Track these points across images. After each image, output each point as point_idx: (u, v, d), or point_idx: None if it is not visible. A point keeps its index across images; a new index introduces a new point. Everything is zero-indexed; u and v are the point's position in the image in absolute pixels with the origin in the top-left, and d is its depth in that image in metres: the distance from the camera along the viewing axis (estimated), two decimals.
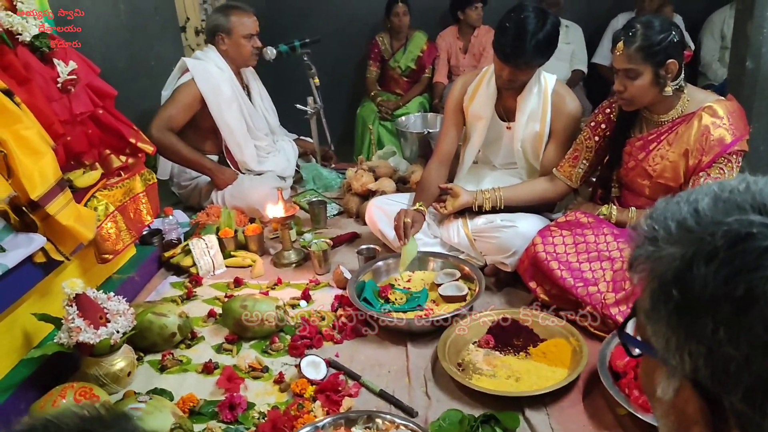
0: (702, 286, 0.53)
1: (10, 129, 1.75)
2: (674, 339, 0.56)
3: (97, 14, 2.97)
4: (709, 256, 0.53)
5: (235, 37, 2.83)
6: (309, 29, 3.76)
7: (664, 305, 0.56)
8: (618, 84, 1.92)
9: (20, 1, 1.97)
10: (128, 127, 2.25)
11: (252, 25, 2.85)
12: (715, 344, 0.52)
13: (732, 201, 0.56)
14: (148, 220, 2.35)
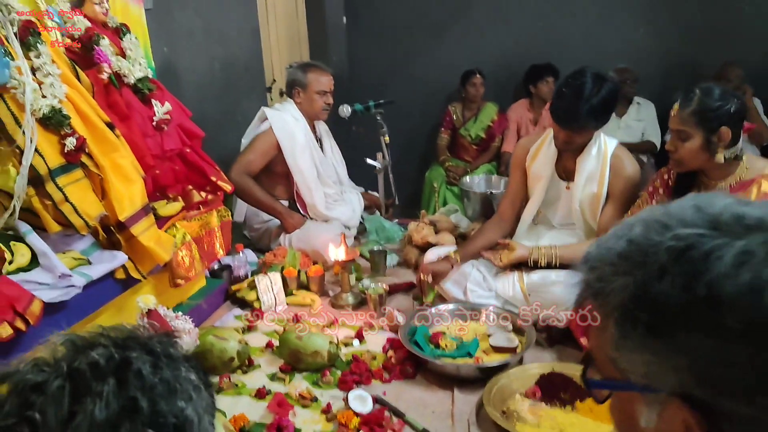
0: (665, 301, 0.57)
1: (108, 157, 1.96)
2: (655, 359, 0.59)
3: (194, 68, 3.27)
4: (660, 273, 0.58)
5: (309, 92, 3.06)
6: (387, 93, 3.97)
7: (633, 330, 0.60)
8: (670, 143, 1.98)
9: (129, 49, 2.24)
10: (211, 166, 2.46)
11: (327, 83, 3.07)
12: (696, 351, 0.56)
13: (659, 223, 0.61)
14: (220, 253, 2.51)
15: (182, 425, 0.61)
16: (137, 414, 0.59)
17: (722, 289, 0.55)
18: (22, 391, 0.58)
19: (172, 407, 0.61)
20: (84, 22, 2.12)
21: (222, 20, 3.58)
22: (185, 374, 0.66)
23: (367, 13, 5.40)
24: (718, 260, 0.56)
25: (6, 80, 1.75)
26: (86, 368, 0.60)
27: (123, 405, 0.58)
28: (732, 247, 0.56)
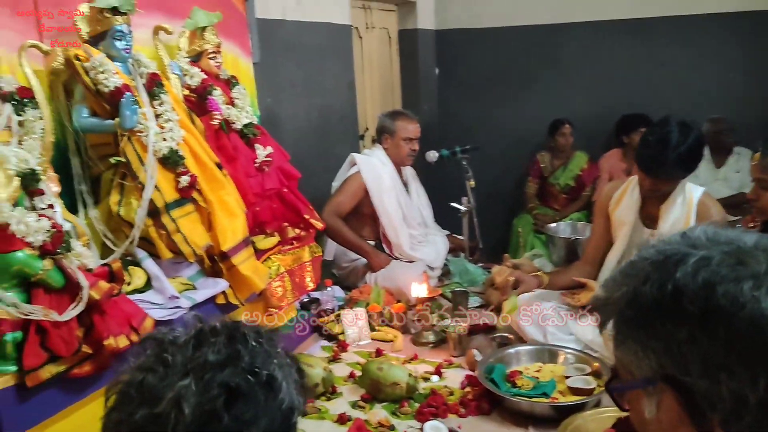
0: (645, 300, 0.73)
1: (216, 193, 2.19)
2: (639, 347, 0.73)
3: (294, 116, 3.55)
4: (644, 280, 0.74)
5: (396, 139, 3.25)
6: (475, 140, 4.10)
7: (625, 326, 0.75)
8: (752, 192, 1.98)
9: (237, 98, 2.50)
10: (305, 205, 2.66)
11: (413, 130, 3.25)
12: (667, 335, 0.71)
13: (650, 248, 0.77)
14: (310, 286, 2.68)
15: (271, 381, 0.78)
16: (239, 361, 0.77)
17: (685, 286, 0.70)
18: (161, 342, 0.80)
19: (266, 366, 0.79)
20: (200, 74, 2.39)
21: (321, 73, 3.85)
22: (281, 353, 0.83)
23: (458, 65, 5.60)
24: (683, 264, 0.71)
25: (134, 125, 2.01)
26: (207, 330, 0.81)
27: (229, 354, 0.78)
28: (695, 255, 0.71)
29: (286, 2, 3.52)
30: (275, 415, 0.78)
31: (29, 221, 1.57)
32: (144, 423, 0.73)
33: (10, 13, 1.95)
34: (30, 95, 1.83)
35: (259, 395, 0.77)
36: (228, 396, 0.74)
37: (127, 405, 0.75)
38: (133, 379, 0.77)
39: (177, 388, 0.73)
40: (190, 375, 0.75)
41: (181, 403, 0.73)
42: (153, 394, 0.74)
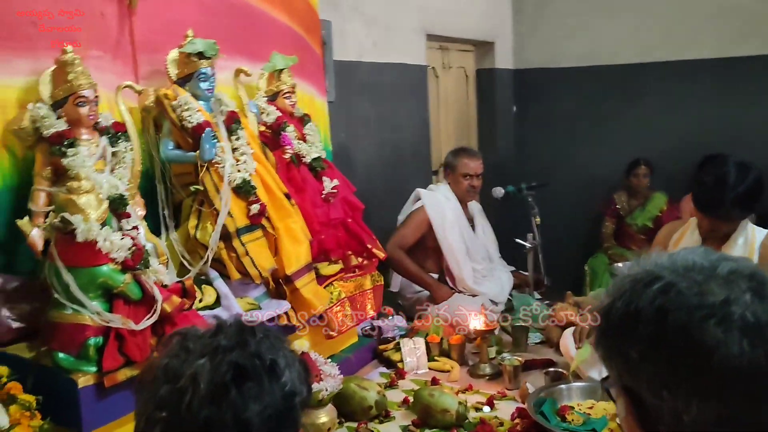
0: (614, 315, 0.80)
1: (283, 221, 2.37)
2: (605, 355, 0.82)
3: (366, 151, 3.73)
4: (620, 294, 0.81)
5: (457, 175, 3.37)
6: (552, 178, 4.14)
7: (599, 334, 0.83)
8: None
9: (309, 134, 2.70)
10: (368, 236, 2.80)
11: (473, 167, 3.35)
12: (624, 351, 0.78)
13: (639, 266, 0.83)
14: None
15: (274, 366, 0.93)
16: (246, 347, 0.93)
17: (643, 309, 0.77)
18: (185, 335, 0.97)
19: (269, 353, 0.93)
20: (275, 112, 2.60)
21: (395, 111, 4.03)
22: (287, 348, 0.98)
23: (536, 103, 5.65)
24: (649, 287, 0.78)
25: (213, 157, 2.23)
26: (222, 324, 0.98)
27: (238, 341, 0.93)
28: (662, 281, 0.78)
29: (363, 45, 3.73)
30: (276, 395, 0.91)
31: (114, 239, 1.79)
32: (167, 396, 0.89)
33: (111, 58, 2.23)
34: (123, 129, 2.08)
35: (262, 376, 0.91)
36: (235, 373, 0.89)
37: (154, 384, 0.91)
38: (159, 364, 0.93)
39: (195, 367, 0.89)
40: (205, 356, 0.90)
41: (197, 379, 0.88)
42: (175, 373, 0.90)
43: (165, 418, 0.89)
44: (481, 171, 3.42)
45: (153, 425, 0.90)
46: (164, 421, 0.89)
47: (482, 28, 5.16)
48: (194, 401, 0.87)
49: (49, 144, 1.90)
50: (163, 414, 0.89)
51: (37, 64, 1.99)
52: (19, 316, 1.90)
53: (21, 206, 1.93)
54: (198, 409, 0.87)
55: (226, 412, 0.87)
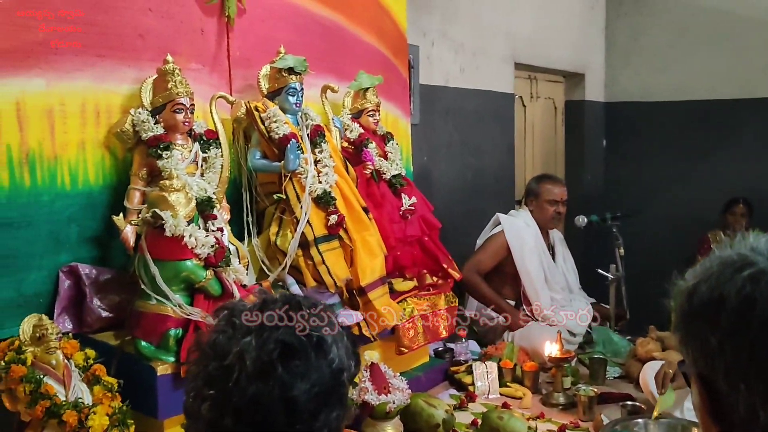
0: (697, 299, 0.75)
1: (360, 234, 2.41)
2: (682, 339, 0.78)
3: (448, 174, 3.75)
4: (707, 278, 0.76)
5: (541, 201, 3.31)
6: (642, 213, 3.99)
7: (679, 316, 0.78)
8: None
9: (390, 152, 2.75)
10: (444, 255, 2.80)
11: (558, 193, 3.30)
12: (703, 337, 0.74)
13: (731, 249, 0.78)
14: (443, 333, 2.79)
15: (321, 343, 0.93)
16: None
17: (729, 296, 0.72)
18: (232, 309, 0.98)
19: (317, 330, 0.94)
20: (359, 129, 2.67)
21: (479, 136, 4.04)
22: (334, 323, 0.98)
23: (628, 137, 5.52)
24: (739, 273, 0.72)
25: (296, 168, 2.31)
26: (269, 299, 0.99)
27: (284, 317, 0.94)
28: (754, 267, 0.72)
29: (450, 71, 3.78)
30: (324, 371, 0.92)
31: (199, 236, 1.88)
32: (215, 373, 0.91)
33: (208, 71, 2.37)
34: (215, 137, 2.19)
35: (310, 353, 0.91)
36: (282, 350, 0.90)
37: (202, 360, 0.93)
38: (208, 339, 0.95)
39: (241, 344, 0.90)
40: (252, 333, 0.91)
41: (244, 356, 0.89)
42: (222, 350, 0.91)
43: (213, 395, 0.90)
44: (565, 198, 3.37)
45: (201, 401, 0.91)
46: (212, 398, 0.90)
47: (573, 59, 5.12)
48: (241, 378, 0.88)
49: (147, 146, 2.03)
50: (211, 391, 0.90)
51: (141, 73, 2.14)
52: (109, 306, 2.02)
53: (117, 204, 2.07)
54: (245, 386, 0.88)
55: (273, 390, 0.88)
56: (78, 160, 2.03)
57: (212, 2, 2.35)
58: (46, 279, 1.96)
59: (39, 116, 1.93)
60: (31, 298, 1.92)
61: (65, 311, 1.97)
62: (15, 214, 1.88)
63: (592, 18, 5.37)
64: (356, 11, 2.93)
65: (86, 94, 2.04)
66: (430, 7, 3.59)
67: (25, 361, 1.59)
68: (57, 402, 1.57)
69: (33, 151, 1.92)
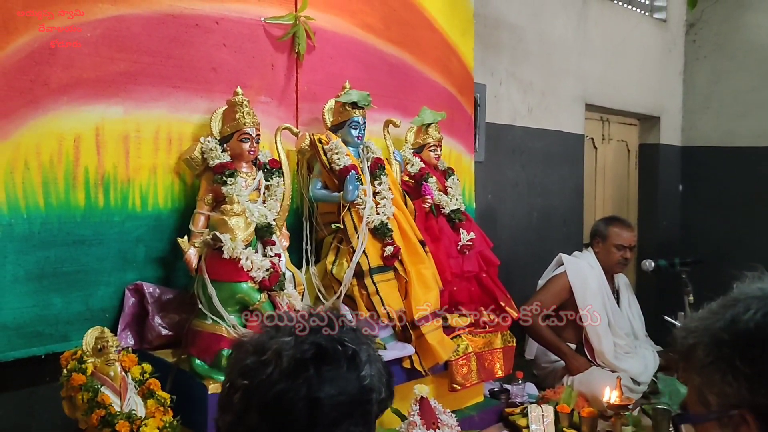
0: (744, 325, 0.73)
1: (415, 266, 2.42)
2: (730, 371, 0.73)
3: (513, 214, 3.72)
4: (746, 309, 0.74)
5: (608, 244, 3.23)
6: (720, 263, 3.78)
7: (717, 348, 0.75)
8: None
9: (450, 187, 2.77)
10: (502, 293, 2.76)
11: (627, 238, 3.21)
12: (763, 362, 0.70)
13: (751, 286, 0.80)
14: (499, 373, 2.74)
15: (354, 356, 0.96)
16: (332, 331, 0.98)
17: None
18: (279, 317, 1.04)
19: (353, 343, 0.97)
20: (419, 163, 2.71)
21: (547, 177, 4.00)
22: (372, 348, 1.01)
23: (706, 183, 5.33)
24: None
25: (354, 198, 2.36)
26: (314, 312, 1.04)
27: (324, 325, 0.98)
28: None
29: (518, 110, 3.79)
30: (353, 384, 0.94)
31: (255, 259, 1.94)
32: (251, 366, 0.96)
33: (276, 104, 2.48)
34: (278, 166, 2.27)
35: (342, 361, 0.95)
36: (316, 352, 0.94)
37: (242, 355, 0.99)
38: (251, 338, 1.01)
39: (280, 342, 0.95)
40: (292, 335, 0.97)
41: (281, 353, 0.94)
42: (263, 347, 0.97)
43: (246, 385, 0.95)
44: (634, 243, 3.28)
45: (235, 391, 0.97)
46: (245, 388, 0.95)
47: (648, 102, 5.02)
48: (274, 374, 0.93)
49: (213, 173, 2.13)
50: (245, 382, 0.95)
51: (213, 104, 2.26)
52: (169, 324, 2.10)
53: (183, 227, 2.17)
54: (276, 382, 0.93)
55: (300, 389, 0.92)
56: (149, 183, 2.15)
57: (284, 39, 2.46)
58: (113, 295, 2.07)
59: (115, 141, 2.07)
60: (97, 313, 2.03)
61: (128, 327, 2.06)
62: (88, 233, 2.01)
63: (669, 61, 5.26)
64: (423, 49, 2.99)
65: (160, 122, 2.17)
66: (499, 47, 3.62)
67: (85, 371, 1.68)
68: (112, 412, 1.64)
69: (108, 173, 2.05)
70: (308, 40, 2.52)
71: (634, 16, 4.84)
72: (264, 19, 2.42)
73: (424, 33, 3.02)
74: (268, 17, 2.42)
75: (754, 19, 5.08)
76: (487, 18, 3.48)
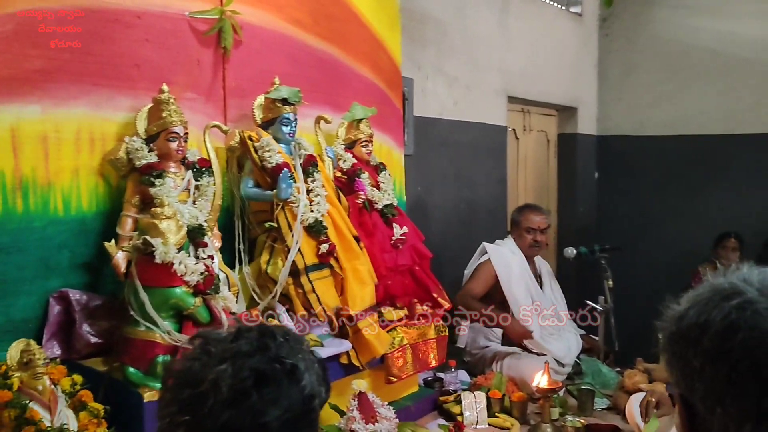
0: (684, 323, 0.78)
1: (351, 263, 2.43)
2: (670, 361, 0.80)
3: (442, 206, 3.79)
4: (695, 305, 0.79)
5: (520, 229, 3.36)
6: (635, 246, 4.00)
7: (666, 339, 0.81)
8: None
9: (382, 182, 2.79)
10: (435, 285, 2.82)
11: (537, 221, 3.34)
12: (687, 360, 0.76)
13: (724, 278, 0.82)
14: (433, 363, 2.79)
15: (294, 370, 0.94)
16: (267, 351, 0.95)
17: (713, 322, 0.76)
18: (206, 338, 0.99)
19: (290, 357, 0.95)
20: (351, 159, 2.71)
21: (472, 168, 4.09)
22: (305, 350, 1.00)
23: (620, 170, 5.59)
24: (726, 301, 0.76)
25: (288, 196, 2.34)
26: (243, 328, 1.00)
27: (259, 345, 0.95)
28: (741, 297, 0.76)
29: (444, 103, 3.84)
30: (296, 398, 0.93)
31: (188, 263, 1.90)
32: (190, 400, 0.92)
33: (204, 101, 2.41)
34: (207, 165, 2.23)
35: (283, 380, 0.93)
36: (256, 378, 0.91)
37: (176, 387, 0.94)
38: (182, 367, 0.96)
39: (216, 372, 0.92)
40: (227, 361, 0.93)
41: (218, 384, 0.91)
42: (197, 377, 0.92)
43: (188, 421, 0.92)
44: (545, 226, 3.40)
45: (176, 427, 0.93)
46: (186, 423, 0.92)
47: (565, 93, 5.20)
48: (215, 406, 0.90)
49: (140, 174, 2.06)
50: (186, 417, 0.92)
51: (137, 102, 2.18)
52: (98, 332, 2.02)
53: (110, 231, 2.09)
54: (219, 413, 0.90)
55: (246, 417, 0.90)
56: (71, 186, 2.06)
57: (210, 34, 2.40)
58: (35, 304, 1.97)
59: (33, 143, 1.96)
60: (19, 324, 1.93)
61: (54, 337, 1.98)
62: (6, 240, 1.90)
63: (584, 54, 5.47)
64: (352, 44, 2.99)
65: (81, 122, 2.08)
66: (425, 41, 3.66)
67: (11, 387, 1.60)
68: (42, 428, 1.57)
69: (26, 177, 1.95)
70: (235, 35, 2.47)
71: (551, 11, 4.99)
72: (188, 13, 2.35)
73: (352, 28, 3.01)
74: (193, 12, 2.36)
75: (661, 15, 5.35)
76: (413, 12, 3.51)
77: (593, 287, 3.47)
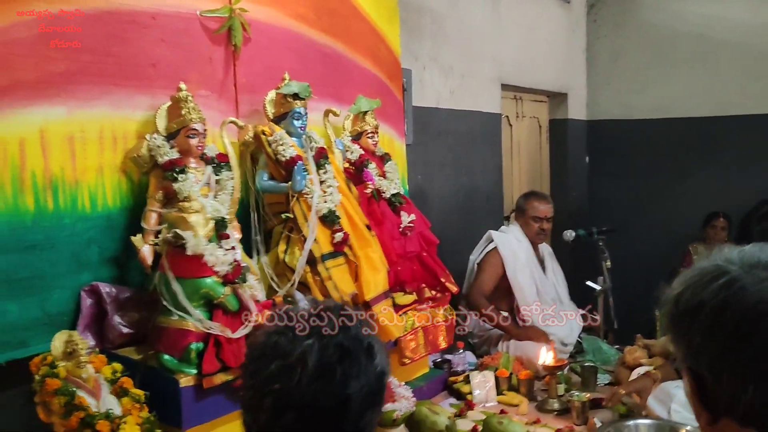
0: (682, 305, 0.89)
1: (363, 250, 2.53)
2: (674, 339, 0.91)
3: (441, 193, 3.88)
4: (689, 286, 0.89)
5: (526, 217, 3.47)
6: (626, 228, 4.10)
7: (668, 319, 0.92)
8: None
9: (389, 172, 2.88)
10: (442, 270, 2.93)
11: (543, 210, 3.44)
12: (688, 336, 0.88)
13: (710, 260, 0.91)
14: (443, 345, 2.91)
15: (370, 348, 1.06)
16: (348, 331, 1.06)
17: (706, 300, 0.86)
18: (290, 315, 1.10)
19: (368, 339, 1.07)
20: (359, 150, 2.80)
21: (470, 156, 4.19)
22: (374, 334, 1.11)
23: (610, 154, 5.71)
24: (714, 281, 0.86)
25: (302, 188, 2.43)
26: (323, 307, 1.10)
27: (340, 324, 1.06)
28: (727, 276, 0.86)
29: (441, 93, 3.93)
30: (372, 374, 1.04)
31: (218, 254, 1.99)
32: (277, 372, 1.01)
33: (216, 97, 2.49)
34: (226, 160, 2.31)
35: (361, 357, 1.04)
36: (341, 354, 1.02)
37: (263, 359, 1.03)
38: (268, 341, 1.05)
39: (303, 346, 1.02)
40: (313, 337, 1.03)
41: (306, 358, 1.01)
42: (285, 351, 1.02)
43: (277, 389, 1.01)
44: (550, 215, 3.51)
45: (264, 396, 1.02)
46: (276, 392, 1.01)
47: (556, 80, 5.31)
48: (303, 377, 0.99)
49: (163, 170, 2.14)
50: (276, 386, 1.01)
51: (155, 100, 2.25)
52: (129, 322, 2.11)
53: (135, 225, 2.17)
54: (307, 384, 0.99)
55: (333, 388, 1.00)
56: (97, 184, 2.13)
57: (220, 32, 2.47)
58: (69, 298, 2.05)
59: (61, 143, 2.03)
60: (55, 317, 2.01)
61: (87, 328, 2.06)
62: (40, 237, 1.98)
63: (573, 40, 5.57)
64: (354, 38, 3.07)
65: (103, 121, 2.15)
66: (421, 32, 3.74)
67: (58, 375, 1.68)
68: (90, 413, 1.66)
69: (56, 176, 2.02)
70: (244, 32, 2.54)
71: None
72: (200, 12, 2.42)
73: (353, 21, 3.09)
74: (204, 11, 2.43)
75: (647, 0, 5.46)
76: (410, 4, 3.59)
77: (588, 269, 3.60)
